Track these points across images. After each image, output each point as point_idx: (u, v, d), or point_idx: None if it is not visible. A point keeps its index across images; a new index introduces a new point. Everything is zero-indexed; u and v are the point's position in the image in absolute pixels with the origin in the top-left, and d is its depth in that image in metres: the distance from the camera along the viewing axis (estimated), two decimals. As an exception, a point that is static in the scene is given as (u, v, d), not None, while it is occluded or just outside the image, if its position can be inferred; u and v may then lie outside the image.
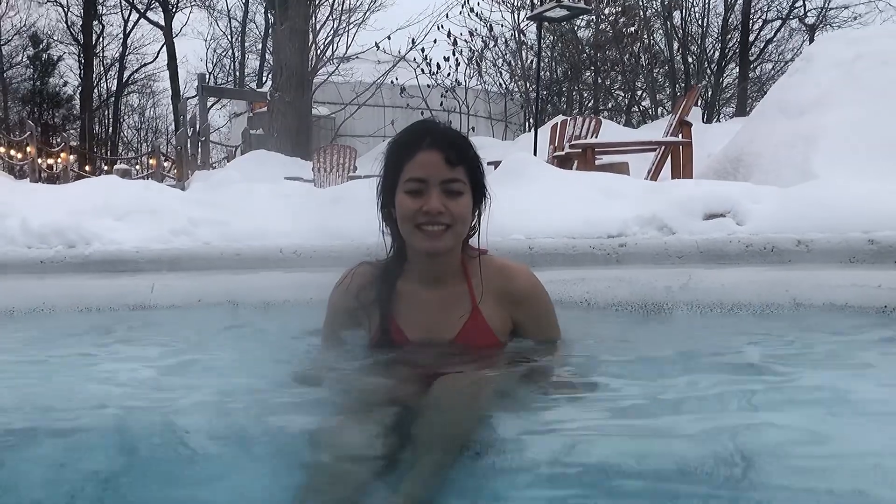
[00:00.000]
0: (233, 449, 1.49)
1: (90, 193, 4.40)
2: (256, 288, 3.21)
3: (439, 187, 1.91)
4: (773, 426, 1.45)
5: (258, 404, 1.73)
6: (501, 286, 2.02)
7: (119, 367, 2.23)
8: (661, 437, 1.43)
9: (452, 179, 1.92)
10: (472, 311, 2.00)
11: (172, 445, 1.52)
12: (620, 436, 1.46)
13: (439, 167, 1.91)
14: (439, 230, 1.92)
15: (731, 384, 1.82)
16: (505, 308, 2.03)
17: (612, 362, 2.08)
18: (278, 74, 14.43)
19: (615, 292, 2.85)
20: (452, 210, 1.91)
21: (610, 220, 3.40)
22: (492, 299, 2.02)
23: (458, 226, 1.93)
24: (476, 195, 1.98)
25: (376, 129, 16.72)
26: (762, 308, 2.68)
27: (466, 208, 1.94)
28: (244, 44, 32.47)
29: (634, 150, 8.81)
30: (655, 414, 1.59)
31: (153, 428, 1.60)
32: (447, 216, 1.90)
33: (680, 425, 1.50)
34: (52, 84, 36.53)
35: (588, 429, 1.50)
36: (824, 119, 6.23)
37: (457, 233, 1.94)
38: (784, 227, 3.15)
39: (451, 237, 1.94)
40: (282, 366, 2.13)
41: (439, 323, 2.01)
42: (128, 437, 1.59)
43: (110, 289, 3.26)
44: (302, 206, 4.18)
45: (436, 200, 1.90)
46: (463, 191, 1.93)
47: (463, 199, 1.93)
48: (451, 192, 1.92)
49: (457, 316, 2.00)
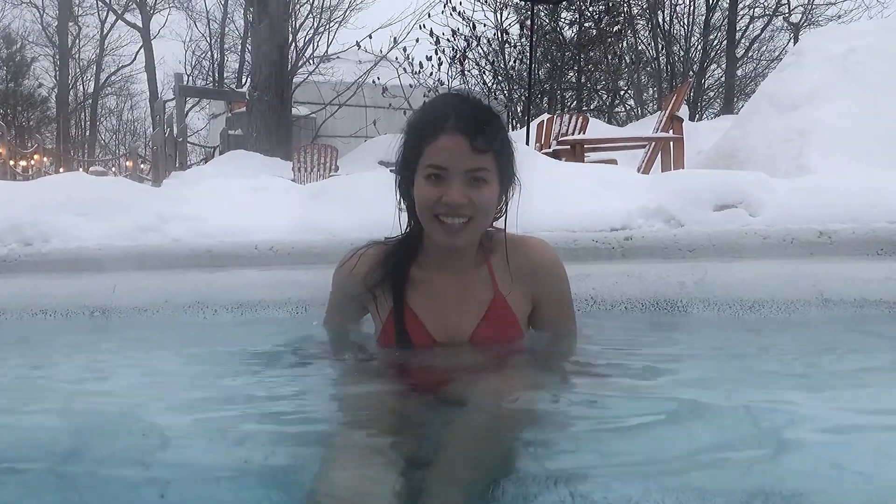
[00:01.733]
0: (211, 488, 1.24)
1: (53, 189, 4.09)
2: (229, 287, 2.93)
3: (462, 176, 1.71)
4: (809, 446, 1.25)
5: (248, 432, 1.47)
6: (521, 261, 1.85)
7: (76, 378, 1.97)
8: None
9: (477, 168, 1.71)
10: (494, 297, 1.82)
11: (139, 477, 1.27)
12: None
13: (463, 154, 1.71)
14: (460, 224, 1.72)
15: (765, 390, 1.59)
16: (526, 284, 1.86)
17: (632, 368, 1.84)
18: (257, 73, 14.10)
19: (623, 289, 2.60)
20: (475, 201, 1.72)
21: (612, 213, 3.15)
22: (511, 277, 1.84)
23: (481, 218, 1.76)
24: (503, 180, 1.78)
25: (358, 129, 16.45)
26: (787, 305, 2.44)
27: (491, 199, 1.75)
28: (223, 45, 32.07)
29: (624, 146, 8.64)
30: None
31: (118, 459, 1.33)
32: (469, 208, 1.72)
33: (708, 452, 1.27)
34: (26, 86, 35.90)
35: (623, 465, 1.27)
36: (818, 113, 6.13)
37: (479, 225, 1.77)
38: (801, 217, 2.91)
39: (472, 230, 1.76)
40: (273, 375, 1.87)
41: (459, 311, 1.82)
42: (83, 475, 1.32)
43: (68, 289, 2.97)
44: (280, 202, 3.90)
45: (457, 192, 1.70)
46: (488, 179, 1.73)
47: (487, 189, 1.73)
48: (476, 180, 1.71)
49: (478, 302, 1.82)
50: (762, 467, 1.19)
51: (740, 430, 1.36)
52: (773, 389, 1.60)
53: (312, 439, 1.42)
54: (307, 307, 2.82)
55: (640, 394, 1.60)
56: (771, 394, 1.55)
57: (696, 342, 2.21)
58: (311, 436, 1.44)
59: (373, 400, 1.62)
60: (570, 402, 1.56)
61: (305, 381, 1.87)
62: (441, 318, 1.83)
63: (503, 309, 1.82)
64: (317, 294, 2.82)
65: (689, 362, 1.93)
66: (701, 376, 1.74)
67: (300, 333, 2.32)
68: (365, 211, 3.18)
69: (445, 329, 1.83)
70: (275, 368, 2.01)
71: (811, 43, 7.46)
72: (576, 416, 1.48)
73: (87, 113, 37.00)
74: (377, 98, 16.77)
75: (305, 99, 16.49)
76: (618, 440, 1.36)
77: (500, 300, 1.83)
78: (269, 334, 2.61)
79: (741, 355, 2.02)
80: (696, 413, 1.44)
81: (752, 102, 7.51)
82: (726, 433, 1.35)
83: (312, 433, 1.47)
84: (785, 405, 1.44)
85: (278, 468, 1.30)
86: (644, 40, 19.08)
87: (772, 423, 1.36)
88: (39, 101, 36.74)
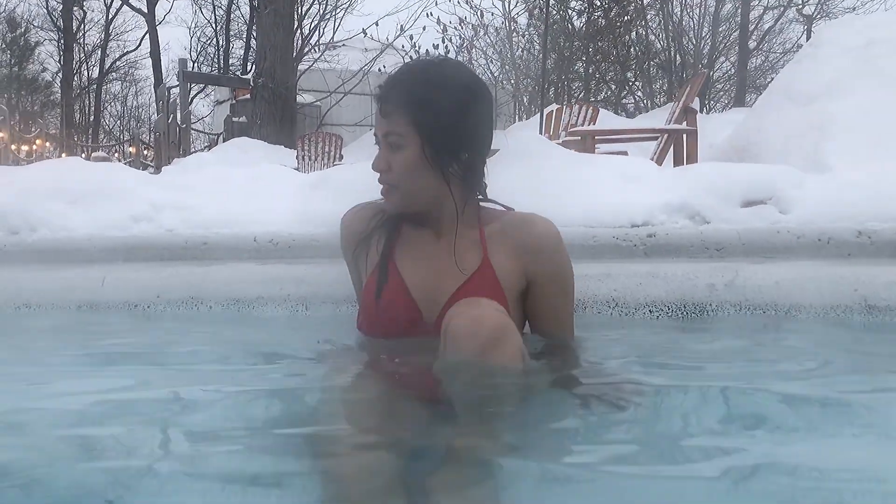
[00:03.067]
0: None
1: (43, 175, 3.91)
2: (224, 282, 2.74)
3: (384, 143, 1.70)
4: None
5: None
6: (519, 236, 1.74)
7: (62, 380, 1.81)
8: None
9: (387, 133, 1.68)
10: (481, 262, 1.71)
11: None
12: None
13: (379, 121, 1.71)
14: (386, 189, 1.70)
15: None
16: (519, 259, 1.72)
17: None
18: (262, 60, 13.90)
19: (648, 290, 2.40)
20: (392, 165, 1.68)
21: (633, 207, 2.96)
22: (505, 250, 1.72)
23: (404, 183, 1.69)
24: (436, 142, 1.65)
25: (363, 118, 16.22)
26: (826, 311, 2.24)
27: (407, 163, 1.66)
28: (228, 32, 31.74)
29: (635, 138, 8.45)
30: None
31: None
32: (391, 175, 1.69)
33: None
34: (30, 70, 35.72)
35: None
36: (836, 106, 5.94)
37: (406, 192, 1.71)
38: (836, 215, 2.73)
39: (398, 196, 1.71)
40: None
41: (442, 271, 1.72)
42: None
43: (53, 282, 2.79)
44: (281, 191, 3.71)
45: (378, 158, 1.70)
46: (402, 144, 1.66)
47: (402, 154, 1.67)
48: (390, 146, 1.68)
49: (463, 265, 1.71)
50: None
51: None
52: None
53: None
54: (308, 305, 2.64)
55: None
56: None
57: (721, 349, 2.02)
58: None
59: (365, 404, 1.52)
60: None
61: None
62: (423, 276, 1.74)
63: (488, 276, 1.70)
64: (319, 291, 2.66)
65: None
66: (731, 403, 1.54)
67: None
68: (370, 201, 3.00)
69: (424, 286, 1.73)
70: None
71: (829, 34, 7.28)
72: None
73: (91, 98, 36.78)
74: (383, 86, 16.55)
75: (310, 87, 16.27)
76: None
77: (487, 267, 1.71)
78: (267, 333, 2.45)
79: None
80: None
81: (767, 95, 7.34)
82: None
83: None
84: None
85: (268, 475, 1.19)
86: (654, 31, 18.82)
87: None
88: (43, 86, 36.53)
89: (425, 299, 1.71)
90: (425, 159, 1.65)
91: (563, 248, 1.76)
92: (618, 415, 1.38)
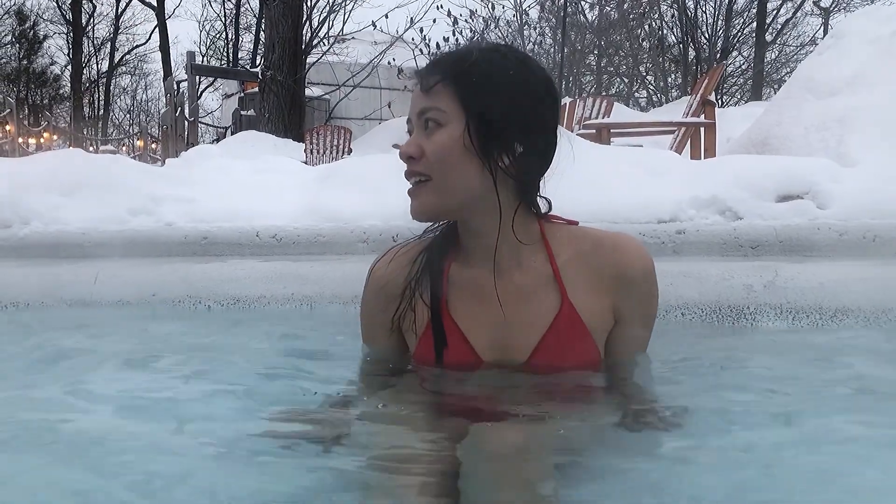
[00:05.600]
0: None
1: (39, 167, 3.75)
2: (225, 280, 2.58)
3: (418, 124, 1.32)
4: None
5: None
6: (604, 263, 1.38)
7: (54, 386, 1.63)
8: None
9: (425, 109, 1.31)
10: (561, 305, 1.35)
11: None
12: None
13: (416, 98, 1.33)
14: (414, 185, 1.32)
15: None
16: (607, 294, 1.37)
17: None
18: (271, 52, 13.74)
19: (680, 291, 2.22)
20: (428, 150, 1.29)
21: (659, 202, 2.78)
22: (586, 283, 1.37)
23: (439, 174, 1.30)
24: (484, 120, 1.29)
25: (372, 112, 16.07)
26: (877, 315, 2.06)
27: (446, 144, 1.29)
28: (238, 25, 31.61)
29: (651, 132, 8.28)
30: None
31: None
32: (422, 163, 1.30)
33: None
34: (39, 63, 35.71)
35: None
36: (859, 99, 5.72)
37: (440, 186, 1.31)
38: (880, 210, 2.54)
39: (431, 194, 1.32)
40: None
41: (513, 323, 1.37)
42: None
43: (43, 279, 2.63)
44: (286, 184, 3.54)
45: (410, 142, 1.32)
46: (443, 120, 1.29)
47: (440, 133, 1.29)
48: (428, 126, 1.31)
49: (539, 312, 1.36)
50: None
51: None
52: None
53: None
54: (313, 304, 2.48)
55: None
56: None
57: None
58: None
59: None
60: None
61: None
62: (490, 331, 1.39)
63: (573, 321, 1.36)
64: (324, 290, 2.50)
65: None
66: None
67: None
68: (379, 196, 2.84)
69: (495, 345, 1.39)
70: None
71: (853, 25, 7.06)
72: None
73: (100, 92, 36.75)
74: (392, 80, 16.36)
75: (319, 80, 16.11)
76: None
77: (570, 310, 1.36)
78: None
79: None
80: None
81: (787, 88, 7.13)
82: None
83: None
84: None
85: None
86: (667, 24, 18.60)
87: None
88: (52, 79, 36.52)
89: (501, 359, 1.39)
90: (470, 143, 1.28)
91: (655, 276, 1.43)
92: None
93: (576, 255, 1.38)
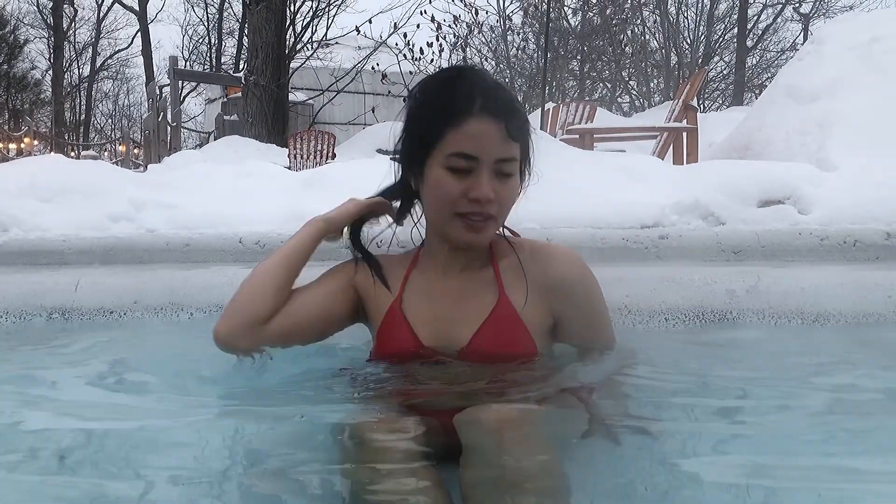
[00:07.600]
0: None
1: (19, 172, 3.71)
2: (207, 286, 2.56)
3: (492, 168, 1.43)
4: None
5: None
6: (538, 271, 1.53)
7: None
8: None
9: (509, 158, 1.44)
10: (498, 299, 1.51)
11: None
12: None
13: (495, 142, 1.42)
14: (483, 220, 1.44)
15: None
16: (542, 298, 1.52)
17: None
18: (254, 57, 13.68)
19: (663, 296, 2.23)
20: (501, 196, 1.44)
21: (642, 207, 2.79)
22: (524, 286, 1.52)
23: (503, 215, 1.49)
24: (523, 174, 1.51)
25: (356, 117, 16.06)
26: (857, 319, 2.08)
27: (515, 194, 1.48)
28: (221, 30, 31.49)
29: (634, 136, 8.32)
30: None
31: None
32: (495, 205, 1.44)
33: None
34: (20, 68, 35.41)
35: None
36: (839, 104, 5.80)
37: (498, 223, 1.50)
38: (861, 215, 2.56)
39: (493, 227, 1.49)
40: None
41: (456, 317, 1.53)
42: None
43: (23, 286, 2.60)
44: (269, 190, 3.52)
45: (487, 186, 1.42)
46: (514, 172, 1.46)
47: (512, 183, 1.46)
48: (503, 173, 1.44)
49: (479, 305, 1.51)
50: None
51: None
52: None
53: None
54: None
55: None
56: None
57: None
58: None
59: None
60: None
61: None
62: (434, 322, 1.54)
63: (508, 314, 1.50)
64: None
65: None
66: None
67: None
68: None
69: (437, 334, 1.53)
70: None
71: (832, 31, 7.15)
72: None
73: (81, 96, 36.47)
74: (376, 85, 16.36)
75: (302, 84, 16.09)
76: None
77: (505, 304, 1.51)
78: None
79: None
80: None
81: (769, 93, 7.21)
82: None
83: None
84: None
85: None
86: (650, 29, 18.71)
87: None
88: (33, 84, 36.19)
89: (442, 347, 1.54)
90: (519, 189, 1.50)
91: (589, 276, 1.57)
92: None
93: (515, 261, 1.54)
